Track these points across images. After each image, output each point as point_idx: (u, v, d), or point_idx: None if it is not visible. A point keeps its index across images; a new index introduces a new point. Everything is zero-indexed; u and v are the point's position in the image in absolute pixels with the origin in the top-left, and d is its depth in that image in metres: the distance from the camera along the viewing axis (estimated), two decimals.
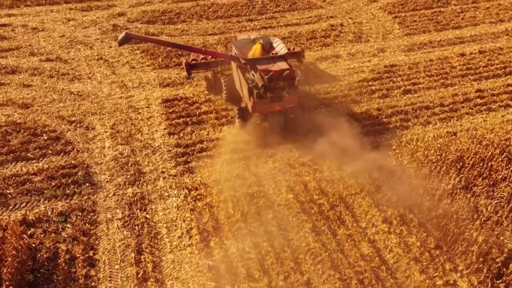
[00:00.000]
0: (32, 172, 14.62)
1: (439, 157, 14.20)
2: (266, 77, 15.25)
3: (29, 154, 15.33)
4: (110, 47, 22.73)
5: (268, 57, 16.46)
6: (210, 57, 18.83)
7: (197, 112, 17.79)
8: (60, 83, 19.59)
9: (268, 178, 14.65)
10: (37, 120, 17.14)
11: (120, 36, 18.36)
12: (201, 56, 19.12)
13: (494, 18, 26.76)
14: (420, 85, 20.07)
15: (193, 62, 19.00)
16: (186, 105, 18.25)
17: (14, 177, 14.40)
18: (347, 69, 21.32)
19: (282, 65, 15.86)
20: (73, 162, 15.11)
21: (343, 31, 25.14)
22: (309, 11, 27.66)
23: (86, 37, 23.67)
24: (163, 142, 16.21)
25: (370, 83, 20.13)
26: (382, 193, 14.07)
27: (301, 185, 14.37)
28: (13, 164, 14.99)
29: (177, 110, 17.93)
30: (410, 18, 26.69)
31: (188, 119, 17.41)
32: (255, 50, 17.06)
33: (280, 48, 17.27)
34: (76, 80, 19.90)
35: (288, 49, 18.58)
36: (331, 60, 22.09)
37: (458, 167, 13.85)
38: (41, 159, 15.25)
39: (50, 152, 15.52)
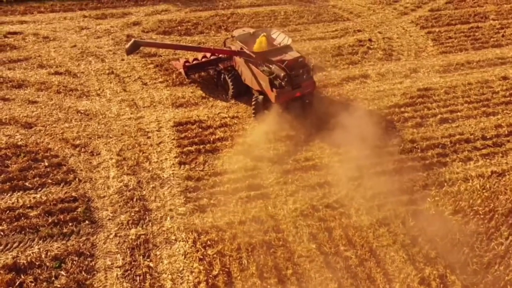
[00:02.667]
0: (28, 205, 13.31)
1: (487, 208, 12.32)
2: (283, 65, 15.90)
3: (27, 183, 14.04)
4: (123, 60, 21.42)
5: (277, 48, 16.91)
6: (210, 55, 18.93)
7: (211, 139, 16.26)
8: (67, 100, 18.34)
9: (288, 222, 13.02)
10: (39, 143, 15.88)
11: (128, 44, 17.17)
12: (200, 56, 19.06)
13: None
14: (459, 113, 18.11)
15: (188, 64, 18.97)
16: (200, 129, 16.74)
17: (8, 211, 13.11)
18: (376, 91, 19.50)
19: (294, 53, 16.71)
20: (73, 194, 13.75)
21: (371, 47, 23.29)
22: (334, 23, 25.89)
23: (98, 48, 22.43)
24: (172, 174, 14.74)
25: (402, 109, 18.27)
26: (418, 246, 12.27)
27: (325, 232, 12.69)
28: (9, 195, 13.71)
29: (189, 135, 16.44)
30: (445, 34, 24.65)
31: (201, 146, 15.90)
32: (261, 43, 16.99)
33: (282, 38, 17.53)
34: (84, 97, 18.62)
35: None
36: (358, 80, 20.29)
37: (511, 222, 11.97)
38: (39, 189, 13.94)
39: (50, 181, 14.20)
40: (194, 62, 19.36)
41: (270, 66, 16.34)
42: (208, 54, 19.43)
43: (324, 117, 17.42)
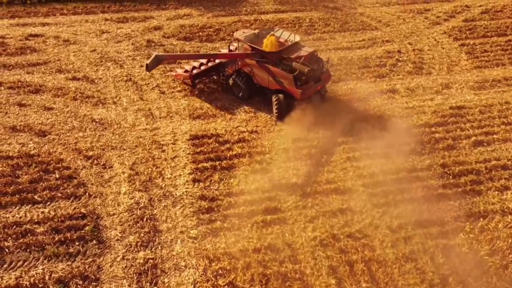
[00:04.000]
0: (36, 221, 12.82)
1: None
2: (300, 62, 16.22)
3: (36, 197, 13.57)
4: (141, 66, 20.88)
5: (290, 46, 17.01)
6: (206, 61, 18.83)
7: (228, 155, 15.48)
8: (83, 108, 17.89)
9: (306, 252, 12.10)
10: (52, 153, 15.44)
11: (150, 59, 16.92)
12: (197, 64, 18.75)
13: None
14: (495, 136, 16.79)
15: (196, 71, 18.56)
16: (217, 144, 15.99)
17: (15, 226, 12.64)
18: (405, 108, 18.33)
19: (307, 49, 17.14)
20: (82, 210, 13.19)
21: (401, 59, 22.08)
22: (362, 32, 24.75)
23: (118, 53, 21.99)
24: (186, 192, 14.02)
25: (433, 128, 17.07)
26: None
27: (346, 266, 11.71)
28: (17, 208, 13.26)
29: (205, 150, 15.70)
30: (480, 47, 23.21)
31: (217, 162, 15.13)
32: (270, 43, 16.82)
33: (287, 35, 17.59)
34: (100, 104, 18.14)
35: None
36: (386, 95, 19.15)
37: None
38: (48, 203, 13.45)
39: (59, 195, 13.69)
40: (202, 68, 18.67)
41: (289, 63, 16.38)
42: (204, 60, 18.98)
43: (348, 135, 16.45)
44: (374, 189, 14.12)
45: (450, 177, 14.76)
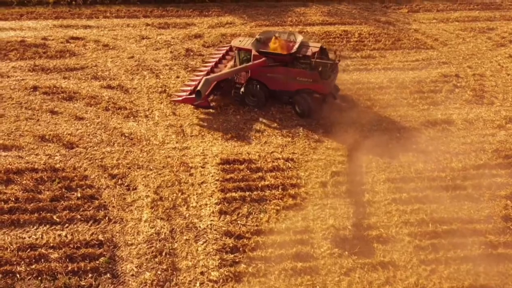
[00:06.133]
0: (51, 245, 12.10)
1: None
2: (315, 58, 16.86)
3: (55, 217, 12.90)
4: (177, 77, 20.05)
5: (300, 45, 17.24)
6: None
7: (260, 185, 14.20)
8: (114, 120, 17.22)
9: None
10: (77, 167, 14.79)
11: (200, 85, 16.41)
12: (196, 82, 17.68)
13: None
14: None
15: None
16: (248, 171, 14.75)
17: (30, 249, 11.99)
18: (462, 143, 16.31)
19: (315, 44, 18.01)
20: (100, 237, 12.36)
21: (458, 85, 19.93)
22: (416, 51, 22.71)
23: (155, 62, 21.28)
24: (210, 225, 12.88)
25: (494, 171, 14.97)
26: None
27: None
28: (35, 228, 12.63)
29: (236, 177, 14.51)
30: None
31: (247, 193, 13.90)
32: (281, 45, 17.03)
33: (286, 36, 17.74)
34: (132, 117, 17.40)
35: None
36: (440, 127, 17.16)
37: None
38: (66, 225, 12.74)
39: (79, 216, 12.96)
40: (214, 83, 17.20)
41: (307, 62, 16.88)
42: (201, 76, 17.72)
43: (395, 172, 14.74)
44: (422, 240, 12.39)
45: None
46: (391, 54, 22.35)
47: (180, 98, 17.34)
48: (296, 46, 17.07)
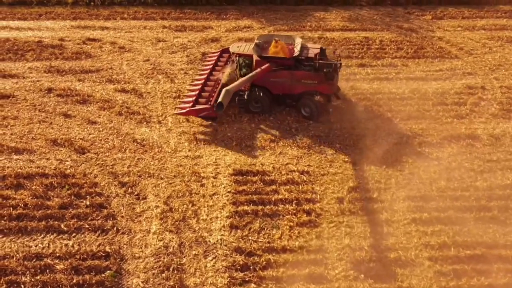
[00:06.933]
0: (57, 255, 11.83)
1: None
2: (318, 59, 16.86)
3: (62, 225, 12.63)
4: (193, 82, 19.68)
5: (301, 48, 17.20)
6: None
7: (273, 199, 13.68)
8: (127, 125, 16.93)
9: None
10: (87, 174, 14.53)
11: (221, 96, 15.88)
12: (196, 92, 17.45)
13: None
14: None
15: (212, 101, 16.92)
16: (261, 184, 14.25)
17: (36, 259, 11.74)
18: (487, 161, 15.47)
19: (315, 46, 18.10)
20: (107, 248, 12.03)
21: (484, 97, 19.01)
22: (439, 61, 21.83)
23: (171, 66, 20.96)
24: (220, 239, 12.42)
25: None
26: None
27: None
28: (42, 236, 12.39)
29: (248, 189, 14.02)
30: None
31: (259, 207, 13.39)
32: (283, 49, 16.80)
33: (285, 38, 17.73)
34: (145, 122, 17.08)
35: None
36: (464, 142, 16.34)
37: None
38: (74, 234, 12.46)
39: (86, 226, 12.67)
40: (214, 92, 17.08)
41: (310, 63, 16.84)
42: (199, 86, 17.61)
43: (415, 190, 14.03)
44: (443, 265, 11.69)
45: None
46: (414, 63, 21.52)
47: (184, 111, 16.70)
48: (298, 48, 16.96)
